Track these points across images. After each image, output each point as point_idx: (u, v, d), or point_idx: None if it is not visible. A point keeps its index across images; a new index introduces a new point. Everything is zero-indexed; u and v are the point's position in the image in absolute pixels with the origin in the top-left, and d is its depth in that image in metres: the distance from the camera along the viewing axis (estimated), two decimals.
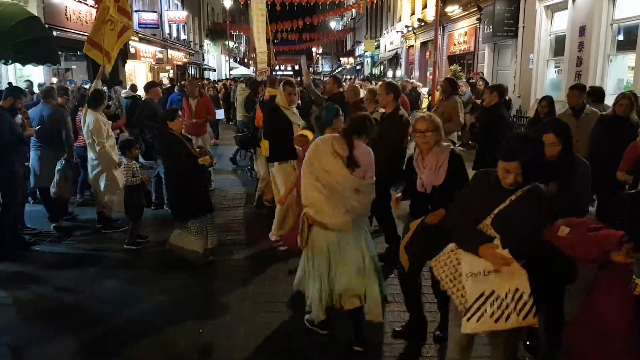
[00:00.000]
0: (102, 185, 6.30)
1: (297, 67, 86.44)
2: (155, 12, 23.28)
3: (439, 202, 3.47)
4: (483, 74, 16.04)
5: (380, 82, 8.49)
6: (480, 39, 17.46)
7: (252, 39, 7.40)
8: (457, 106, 7.04)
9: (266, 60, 7.88)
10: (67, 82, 12.63)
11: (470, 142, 11.72)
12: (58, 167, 6.18)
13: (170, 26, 27.93)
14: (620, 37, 10.72)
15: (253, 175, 9.13)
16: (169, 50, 26.71)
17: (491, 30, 15.36)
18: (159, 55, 24.79)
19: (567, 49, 11.98)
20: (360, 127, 3.52)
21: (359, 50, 43.90)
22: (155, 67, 23.77)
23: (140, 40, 21.65)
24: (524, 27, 14.33)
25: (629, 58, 10.31)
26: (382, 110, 5.43)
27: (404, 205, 3.81)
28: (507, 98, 10.84)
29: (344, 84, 10.50)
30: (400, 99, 5.48)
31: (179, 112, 5.30)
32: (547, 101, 6.47)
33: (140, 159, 7.33)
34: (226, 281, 4.93)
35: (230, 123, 17.33)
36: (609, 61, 10.90)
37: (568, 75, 11.94)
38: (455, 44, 21.02)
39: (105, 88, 8.50)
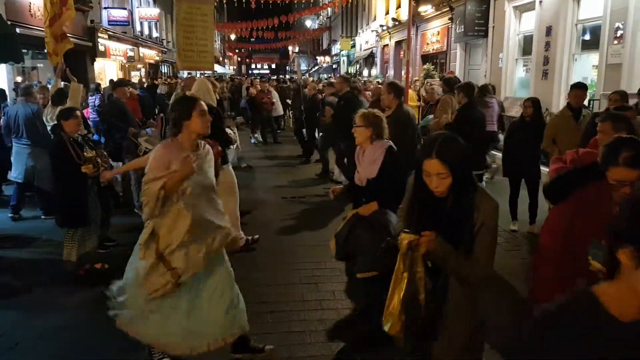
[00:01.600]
0: None
1: (273, 66, 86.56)
2: (125, 9, 22.90)
3: (372, 196, 3.64)
4: (455, 73, 16.23)
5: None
6: (452, 39, 17.66)
7: (179, 39, 7.24)
8: (444, 105, 7.14)
9: (211, 60, 7.78)
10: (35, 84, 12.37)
11: None
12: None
13: (141, 23, 27.51)
14: (585, 37, 10.98)
15: None
16: (140, 48, 26.33)
17: (462, 30, 15.56)
18: (130, 54, 24.40)
19: (535, 48, 12.22)
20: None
21: (335, 49, 43.96)
22: (127, 66, 23.40)
23: (110, 37, 21.27)
24: (493, 27, 14.56)
25: (593, 57, 10.56)
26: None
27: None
28: (490, 86, 10.86)
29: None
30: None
31: (76, 112, 4.97)
32: (532, 101, 6.26)
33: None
34: None
35: None
36: (574, 60, 11.16)
37: (535, 74, 12.18)
38: (428, 43, 21.22)
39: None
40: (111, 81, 12.55)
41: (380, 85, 10.15)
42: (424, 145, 2.28)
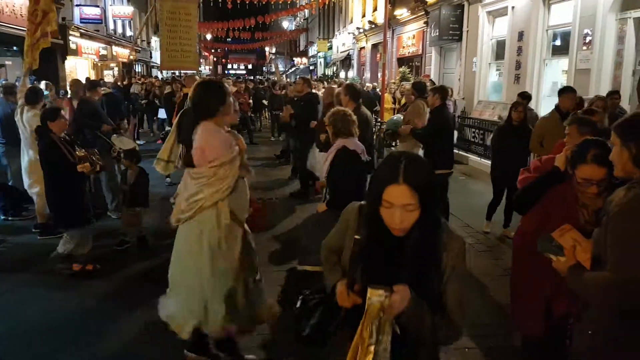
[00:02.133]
0: (37, 191, 6.09)
1: (249, 66, 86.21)
2: (98, 6, 22.52)
3: (328, 191, 3.82)
4: (430, 77, 16.43)
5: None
6: (428, 42, 17.86)
7: (163, 39, 7.20)
8: (419, 110, 7.20)
9: (195, 59, 7.75)
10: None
11: None
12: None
13: (115, 22, 27.09)
14: (555, 43, 11.23)
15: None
16: (113, 46, 25.91)
17: (437, 34, 15.75)
18: (103, 52, 24.00)
19: (507, 53, 12.46)
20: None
21: (312, 50, 44.03)
22: (99, 65, 23.00)
23: (82, 35, 20.87)
24: (467, 31, 14.78)
25: (563, 62, 10.81)
26: None
27: None
28: (451, 97, 11.14)
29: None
30: None
31: (61, 112, 5.01)
32: (524, 106, 6.33)
33: None
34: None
35: None
36: (544, 65, 11.41)
37: (508, 78, 12.41)
38: (404, 47, 21.42)
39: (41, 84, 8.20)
40: (87, 79, 12.30)
41: (334, 86, 10.18)
42: (384, 167, 1.70)
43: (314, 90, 9.18)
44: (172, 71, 19.99)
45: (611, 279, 1.76)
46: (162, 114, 14.47)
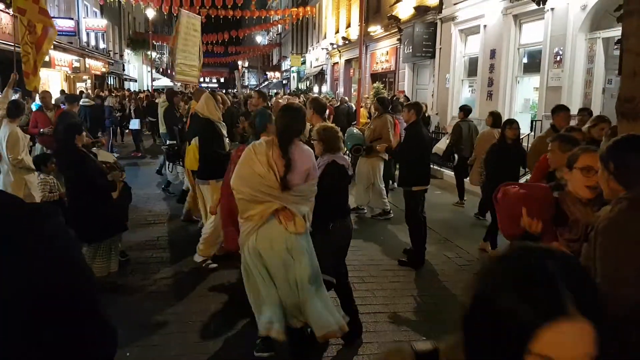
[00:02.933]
0: None
1: (222, 80, 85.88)
2: (72, 19, 22.23)
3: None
4: (405, 92, 16.72)
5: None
6: (401, 59, 18.20)
7: (174, 51, 7.29)
8: (387, 124, 7.29)
9: (198, 74, 7.87)
10: None
11: None
12: None
13: (88, 34, 26.77)
14: (527, 61, 11.61)
15: (170, 190, 9.08)
16: (86, 59, 25.57)
17: (411, 50, 16.07)
18: (76, 64, 23.64)
19: (480, 70, 12.80)
20: (294, 128, 3.50)
21: (285, 65, 44.23)
22: (72, 77, 22.64)
23: (55, 48, 20.48)
24: (440, 48, 15.14)
25: (534, 79, 11.17)
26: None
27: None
28: (426, 115, 11.38)
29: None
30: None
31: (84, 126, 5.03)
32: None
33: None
34: (153, 301, 4.73)
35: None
36: (516, 82, 11.76)
37: (481, 95, 12.74)
38: (377, 63, 21.76)
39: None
40: (62, 92, 12.13)
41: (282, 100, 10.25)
42: (536, 292, 0.83)
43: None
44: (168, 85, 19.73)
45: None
46: (133, 125, 14.33)
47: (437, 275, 5.61)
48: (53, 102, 9.25)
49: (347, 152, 7.32)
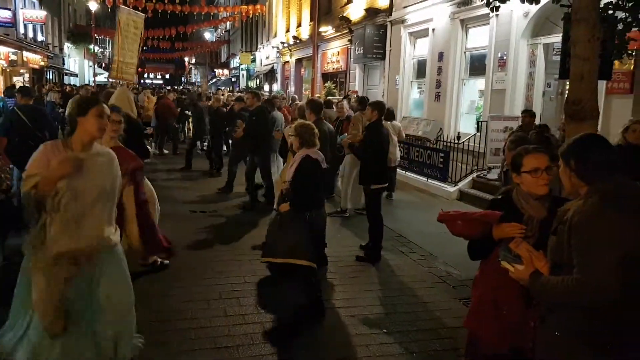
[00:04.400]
0: None
1: (167, 76, 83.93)
2: (8, 9, 21.12)
3: (291, 194, 4.17)
4: (358, 92, 16.96)
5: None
6: (352, 59, 18.44)
7: (116, 46, 7.14)
8: (356, 122, 7.43)
9: (134, 72, 7.74)
10: None
11: None
12: None
13: (26, 26, 25.48)
14: (473, 64, 12.06)
15: None
16: (24, 52, 24.36)
17: (362, 51, 16.32)
18: (13, 57, 22.48)
19: (428, 72, 13.20)
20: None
21: (234, 62, 43.77)
22: (8, 70, 21.51)
23: None
24: (390, 50, 15.48)
25: (480, 82, 11.63)
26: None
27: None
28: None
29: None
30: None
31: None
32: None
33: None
34: None
35: None
36: (462, 84, 12.20)
37: (429, 96, 13.14)
38: (328, 62, 21.94)
39: None
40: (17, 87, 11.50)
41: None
42: None
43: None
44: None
45: (581, 280, 1.98)
46: None
47: (394, 270, 5.76)
48: None
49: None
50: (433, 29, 12.93)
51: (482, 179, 9.41)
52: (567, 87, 5.25)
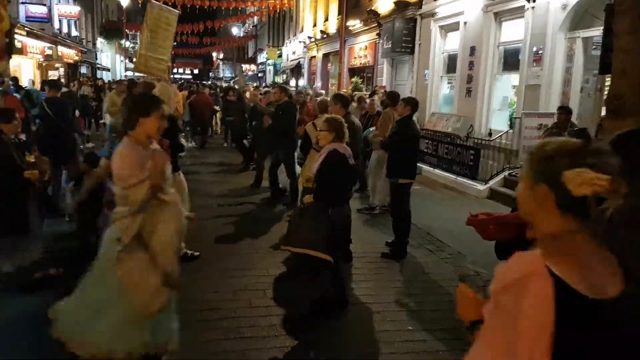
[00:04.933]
0: None
1: (196, 71, 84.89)
2: (44, 5, 21.59)
3: (315, 187, 4.14)
4: (385, 88, 16.81)
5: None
6: (380, 54, 18.25)
7: (142, 40, 7.18)
8: (386, 118, 7.35)
9: (165, 68, 7.78)
10: None
11: None
12: None
13: (60, 21, 26.07)
14: (506, 58, 11.77)
15: None
16: (59, 46, 24.90)
17: (390, 46, 16.13)
18: (48, 52, 23.01)
19: (459, 66, 12.92)
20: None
21: (261, 57, 43.92)
22: (44, 65, 22.03)
23: (28, 34, 19.95)
24: (420, 44, 15.22)
25: (513, 77, 11.34)
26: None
27: None
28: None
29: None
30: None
31: (16, 114, 4.75)
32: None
33: None
34: None
35: None
36: (495, 79, 11.92)
37: (459, 91, 12.88)
38: (355, 57, 21.78)
39: None
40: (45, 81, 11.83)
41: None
42: None
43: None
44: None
45: None
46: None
47: (420, 267, 5.67)
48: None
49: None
50: (464, 22, 12.66)
51: (515, 178, 9.18)
52: (607, 83, 5.10)
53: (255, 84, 34.56)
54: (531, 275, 1.33)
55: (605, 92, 8.69)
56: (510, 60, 11.51)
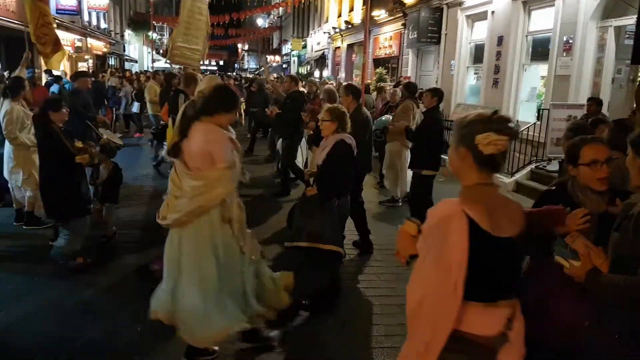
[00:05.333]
0: (18, 180, 5.94)
1: (221, 62, 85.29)
2: None
3: (318, 179, 4.07)
4: (410, 78, 16.63)
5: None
6: (405, 44, 18.05)
7: (179, 31, 7.27)
8: (407, 110, 7.28)
9: (199, 57, 7.88)
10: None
11: None
12: None
13: (90, 14, 26.51)
14: (534, 48, 11.51)
15: (160, 169, 9.37)
16: (88, 38, 25.34)
17: (415, 36, 15.92)
18: (78, 44, 23.46)
19: (486, 57, 12.68)
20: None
21: (286, 48, 43.92)
22: (74, 56, 22.44)
23: (59, 26, 20.32)
24: (446, 34, 14.99)
25: (541, 68, 11.08)
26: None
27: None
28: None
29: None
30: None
31: (63, 103, 5.00)
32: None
33: None
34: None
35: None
36: (523, 70, 11.67)
37: (486, 82, 12.65)
38: (380, 48, 21.59)
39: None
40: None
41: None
42: None
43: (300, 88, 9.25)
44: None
45: None
46: (134, 108, 14.28)
47: None
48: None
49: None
50: (492, 12, 12.40)
51: (542, 170, 9.01)
52: None
53: (274, 75, 34.67)
54: (452, 216, 1.79)
55: (638, 82, 8.45)
56: (539, 50, 11.24)
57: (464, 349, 1.84)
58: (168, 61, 8.48)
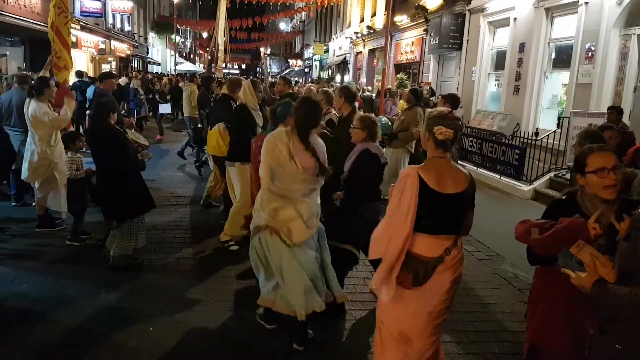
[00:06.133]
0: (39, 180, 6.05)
1: (243, 66, 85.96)
2: (99, 0, 22.43)
3: (345, 185, 4.13)
4: (431, 84, 16.56)
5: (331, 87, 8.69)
6: (426, 50, 17.96)
7: (215, 35, 7.39)
8: (416, 116, 7.21)
9: (223, 57, 7.97)
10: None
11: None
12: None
13: (114, 16, 26.99)
14: (556, 55, 11.35)
15: (202, 172, 9.32)
16: (112, 41, 25.79)
17: (437, 41, 15.84)
18: (102, 46, 23.88)
19: (508, 63, 12.56)
20: (313, 120, 3.65)
21: (308, 53, 44.09)
22: (97, 58, 22.87)
23: (82, 28, 20.77)
24: (468, 40, 14.89)
25: (563, 75, 10.92)
26: (333, 112, 5.59)
27: None
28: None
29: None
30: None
31: (117, 106, 5.13)
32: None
33: None
34: (175, 280, 4.79)
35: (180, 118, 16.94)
36: (545, 77, 11.52)
37: (507, 89, 12.52)
38: (402, 53, 21.51)
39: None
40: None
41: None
42: None
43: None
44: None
45: None
46: (164, 109, 14.47)
47: None
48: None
49: None
50: (515, 18, 12.28)
51: (561, 179, 8.85)
52: None
53: (299, 80, 34.76)
54: (409, 175, 2.65)
55: None
56: (561, 58, 11.09)
57: (412, 266, 2.68)
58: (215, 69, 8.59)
